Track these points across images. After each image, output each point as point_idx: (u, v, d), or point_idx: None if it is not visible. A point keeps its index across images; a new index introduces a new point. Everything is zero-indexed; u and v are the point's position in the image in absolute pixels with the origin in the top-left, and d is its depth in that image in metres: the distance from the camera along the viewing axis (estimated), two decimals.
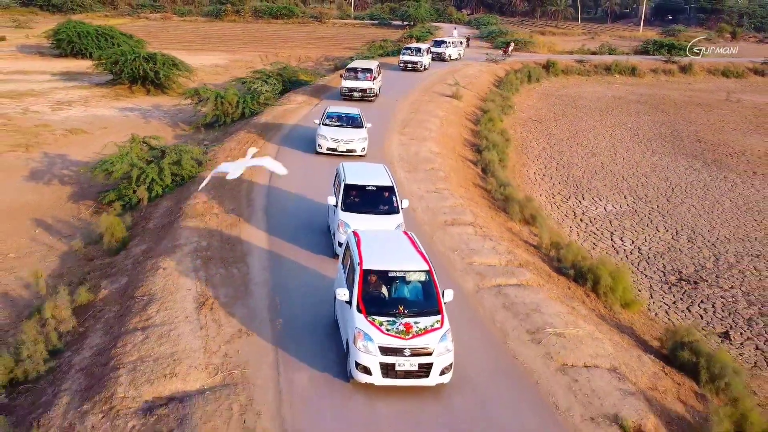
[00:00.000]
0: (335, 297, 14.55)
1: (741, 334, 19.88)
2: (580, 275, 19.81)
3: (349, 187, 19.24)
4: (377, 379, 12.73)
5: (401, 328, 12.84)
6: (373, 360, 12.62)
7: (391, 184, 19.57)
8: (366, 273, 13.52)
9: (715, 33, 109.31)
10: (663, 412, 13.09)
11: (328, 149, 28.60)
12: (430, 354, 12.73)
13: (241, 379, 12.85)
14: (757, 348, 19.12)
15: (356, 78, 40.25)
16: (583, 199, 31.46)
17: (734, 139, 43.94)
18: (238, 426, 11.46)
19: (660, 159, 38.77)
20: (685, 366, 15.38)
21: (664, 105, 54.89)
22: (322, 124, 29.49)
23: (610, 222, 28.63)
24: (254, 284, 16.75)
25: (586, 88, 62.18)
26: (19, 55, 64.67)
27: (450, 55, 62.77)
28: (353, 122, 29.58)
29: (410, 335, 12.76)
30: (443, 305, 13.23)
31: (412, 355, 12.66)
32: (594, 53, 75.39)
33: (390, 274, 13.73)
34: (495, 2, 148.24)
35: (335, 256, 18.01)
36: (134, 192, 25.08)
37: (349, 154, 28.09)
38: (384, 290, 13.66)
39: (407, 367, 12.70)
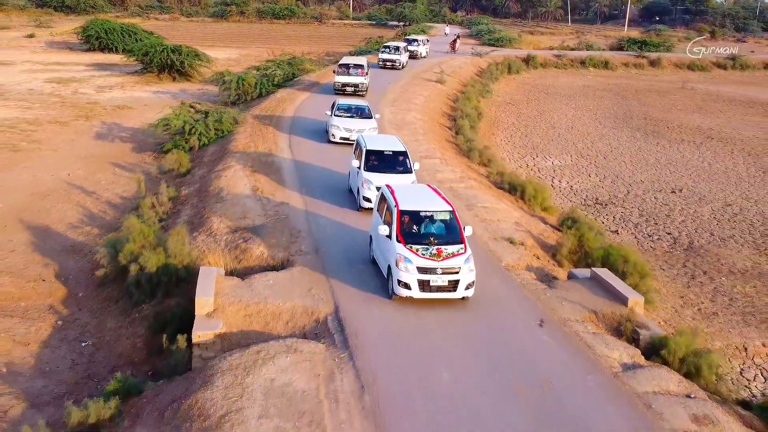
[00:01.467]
0: (371, 240, 19.07)
1: (627, 231, 29.00)
2: (513, 188, 28.99)
3: (370, 152, 23.47)
4: (415, 293, 16.33)
5: (434, 252, 16.49)
6: (412, 277, 16.24)
7: (404, 150, 24.11)
8: (402, 213, 17.20)
9: (696, 33, 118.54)
10: (540, 241, 22.35)
11: (341, 138, 31.58)
12: (457, 272, 16.34)
13: (287, 221, 22.03)
14: (635, 237, 28.25)
15: (348, 73, 43.26)
16: (537, 156, 40.64)
17: (676, 117, 53.20)
18: (288, 235, 20.66)
19: (608, 131, 48.01)
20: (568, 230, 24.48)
21: (625, 92, 64.25)
22: (334, 115, 32.38)
23: (554, 171, 37.78)
24: (288, 184, 26.00)
25: (560, 79, 71.51)
26: (50, 50, 73.93)
27: (421, 53, 67.19)
28: (362, 113, 32.77)
29: (441, 258, 16.38)
30: (465, 237, 17.07)
31: (443, 273, 16.30)
32: (573, 49, 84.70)
33: (421, 214, 17.48)
34: (489, 4, 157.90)
35: (360, 208, 22.90)
36: (186, 141, 34.21)
37: None
38: (416, 227, 17.29)
39: (439, 283, 16.33)
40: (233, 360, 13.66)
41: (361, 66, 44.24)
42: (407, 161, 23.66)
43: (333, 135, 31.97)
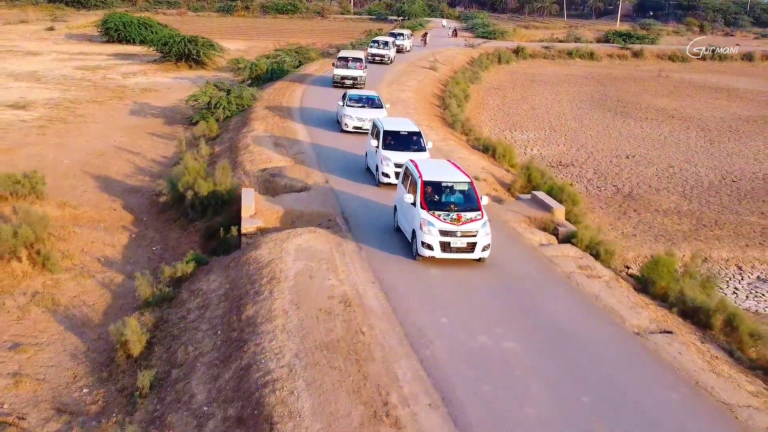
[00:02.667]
0: (395, 210, 21.69)
1: (581, 184, 35.92)
2: (486, 149, 35.97)
3: (387, 133, 26.34)
4: (437, 253, 18.64)
5: (454, 217, 18.73)
6: (435, 239, 18.52)
7: (418, 130, 27.35)
8: (426, 183, 19.51)
9: (685, 27, 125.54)
10: (500, 180, 29.36)
11: (354, 128, 33.83)
12: (475, 236, 18.63)
13: (303, 165, 28.99)
14: (586, 188, 35.18)
15: (347, 66, 45.84)
16: (515, 131, 47.63)
17: (647, 100, 60.19)
18: (304, 172, 27.64)
19: (583, 111, 54.98)
20: (529, 178, 31.39)
21: (605, 80, 71.29)
22: (346, 105, 34.58)
23: (528, 142, 44.76)
24: (303, 142, 33.02)
25: (547, 68, 78.52)
26: (72, 42, 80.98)
27: (405, 47, 70.52)
28: (373, 103, 34.94)
29: (461, 222, 18.63)
30: (482, 205, 19.46)
31: (462, 236, 18.56)
32: (561, 42, 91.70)
33: (443, 185, 19.81)
34: (487, 0, 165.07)
35: (379, 183, 26.00)
36: (212, 114, 41.17)
37: None
38: (438, 195, 19.58)
39: (459, 245, 18.62)
40: (272, 236, 20.62)
41: (359, 59, 46.98)
42: (421, 140, 26.82)
43: (346, 125, 34.26)
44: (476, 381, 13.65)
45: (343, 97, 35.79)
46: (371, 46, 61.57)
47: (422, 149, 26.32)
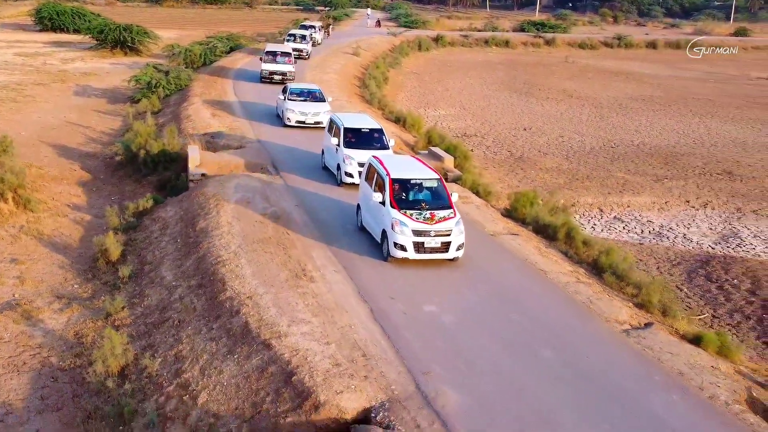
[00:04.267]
0: (358, 208, 21.67)
1: (480, 150, 42.20)
2: (398, 119, 42.01)
3: (348, 130, 25.89)
4: (411, 254, 18.42)
5: (427, 216, 18.53)
6: (408, 240, 18.28)
7: (380, 127, 27.24)
8: (394, 181, 19.13)
9: (599, 18, 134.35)
10: (406, 142, 35.39)
11: (297, 122, 34.15)
12: (449, 234, 18.49)
13: (239, 131, 34.44)
14: (484, 153, 41.47)
15: (275, 61, 46.32)
16: (428, 108, 53.79)
17: (552, 83, 67.21)
18: (240, 136, 33.18)
19: (491, 92, 61.57)
20: (429, 140, 37.44)
21: (517, 65, 78.31)
22: (288, 99, 34.75)
23: (439, 117, 50.90)
24: (237, 111, 38.46)
25: (465, 56, 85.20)
26: (6, 31, 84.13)
27: (317, 40, 69.29)
28: (315, 97, 35.35)
29: (434, 222, 18.47)
30: (453, 203, 19.33)
31: (436, 235, 18.41)
32: (479, 30, 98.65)
33: (412, 182, 19.57)
34: None
35: (341, 183, 25.75)
36: (153, 93, 46.16)
37: (316, 126, 33.47)
38: (408, 193, 19.39)
39: (433, 245, 18.44)
40: (216, 179, 26.16)
41: (288, 53, 47.69)
42: (383, 137, 26.50)
43: (289, 119, 34.39)
44: (370, 257, 19.53)
45: (284, 90, 36.22)
46: (288, 40, 59.54)
47: (385, 147, 26.08)
